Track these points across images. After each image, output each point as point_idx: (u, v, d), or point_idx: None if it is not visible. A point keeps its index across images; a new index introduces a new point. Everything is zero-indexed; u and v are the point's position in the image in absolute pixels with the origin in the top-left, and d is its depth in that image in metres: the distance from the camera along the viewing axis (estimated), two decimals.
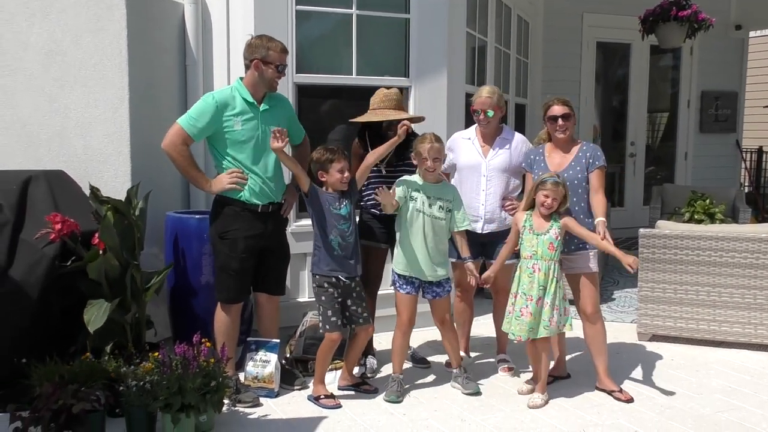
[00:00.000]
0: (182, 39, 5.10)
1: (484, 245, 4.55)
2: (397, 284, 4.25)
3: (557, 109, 4.25)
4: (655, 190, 8.69)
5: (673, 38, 7.02)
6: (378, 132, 4.41)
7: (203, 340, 3.79)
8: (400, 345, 4.29)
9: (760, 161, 12.46)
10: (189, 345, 3.67)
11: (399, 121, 4.35)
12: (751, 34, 10.63)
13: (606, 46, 9.59)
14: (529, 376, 4.38)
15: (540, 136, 4.46)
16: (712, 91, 10.16)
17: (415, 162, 4.20)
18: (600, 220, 4.10)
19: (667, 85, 10.20)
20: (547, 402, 4.10)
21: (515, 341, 4.20)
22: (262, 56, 4.00)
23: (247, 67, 4.05)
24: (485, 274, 4.29)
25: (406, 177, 4.26)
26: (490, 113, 4.40)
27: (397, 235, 4.24)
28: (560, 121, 4.24)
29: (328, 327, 4.09)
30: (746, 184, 11.93)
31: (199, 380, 3.52)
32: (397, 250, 4.25)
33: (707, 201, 6.76)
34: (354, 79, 5.25)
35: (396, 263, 4.26)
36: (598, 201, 4.16)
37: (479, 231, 4.47)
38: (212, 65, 5.12)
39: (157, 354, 3.67)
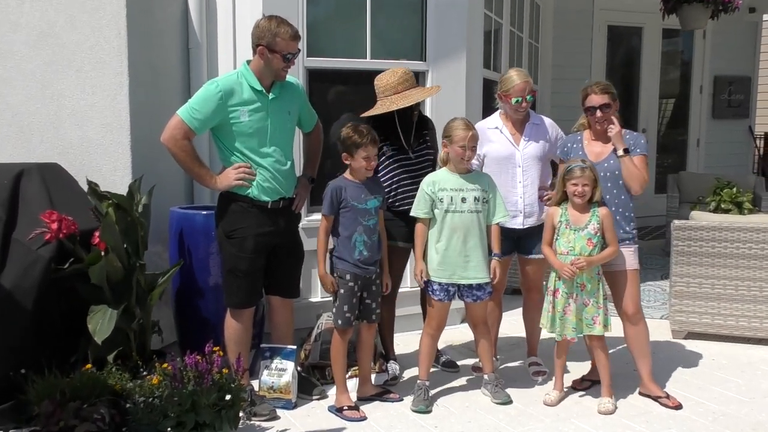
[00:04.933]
0: (185, 20, 4.72)
1: (519, 239, 4.23)
2: (430, 289, 3.90)
3: (595, 99, 3.88)
4: (671, 178, 8.40)
5: (696, 20, 6.70)
6: (407, 116, 4.09)
7: (215, 348, 3.47)
8: (428, 349, 3.96)
9: (767, 147, 12.19)
10: (201, 355, 3.33)
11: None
12: (765, 17, 10.31)
13: (617, 29, 9.26)
14: (567, 380, 4.06)
15: (580, 122, 4.11)
16: (725, 75, 9.85)
17: (446, 150, 3.84)
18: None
19: (679, 69, 9.88)
20: (616, 406, 3.82)
21: (570, 340, 3.87)
22: (268, 43, 3.60)
23: (254, 52, 3.68)
24: None
25: (425, 181, 3.89)
26: (531, 98, 4.09)
27: (429, 234, 3.90)
28: (599, 113, 3.88)
29: (340, 322, 3.78)
30: (755, 170, 11.65)
31: (215, 395, 3.19)
32: (429, 253, 3.90)
33: (734, 189, 6.49)
34: (368, 63, 4.90)
35: (430, 269, 3.90)
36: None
37: (519, 227, 4.15)
38: (217, 48, 4.74)
39: (166, 365, 3.33)
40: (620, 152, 3.83)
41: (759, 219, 4.93)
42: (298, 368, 4.16)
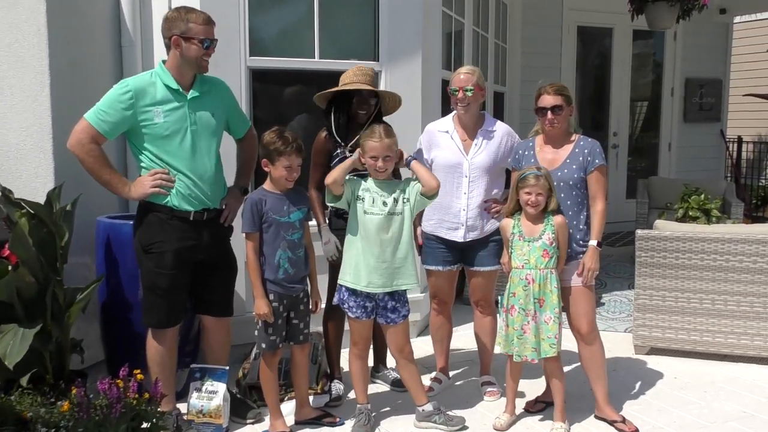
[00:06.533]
0: (117, 16, 4.43)
1: (464, 251, 3.99)
2: (346, 305, 3.61)
3: (547, 100, 3.65)
4: (641, 184, 8.20)
5: (662, 20, 6.49)
6: (347, 113, 3.85)
7: (135, 371, 3.18)
8: (359, 371, 3.68)
9: (740, 152, 12.06)
10: (113, 380, 3.04)
11: (374, 102, 3.87)
12: (736, 19, 10.16)
13: (588, 30, 9.06)
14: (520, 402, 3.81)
15: (536, 128, 3.87)
16: (697, 78, 9.68)
17: (362, 160, 3.54)
18: (592, 246, 3.58)
19: (651, 72, 9.70)
20: None
21: (530, 362, 3.60)
22: (182, 31, 3.34)
23: (167, 48, 3.41)
24: None
25: (353, 178, 3.60)
26: (470, 90, 3.81)
27: (345, 240, 3.61)
28: (549, 114, 3.64)
29: (264, 346, 3.51)
30: (727, 176, 11.51)
31: (124, 426, 2.91)
32: (344, 260, 3.61)
33: (702, 196, 6.28)
34: (316, 62, 4.65)
35: (342, 273, 3.61)
36: (596, 214, 3.60)
37: (460, 240, 3.90)
38: (152, 46, 4.45)
39: (74, 391, 3.05)
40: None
41: (725, 229, 4.71)
42: (234, 389, 3.89)
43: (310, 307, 3.65)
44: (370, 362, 4.04)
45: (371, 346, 3.99)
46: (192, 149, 3.42)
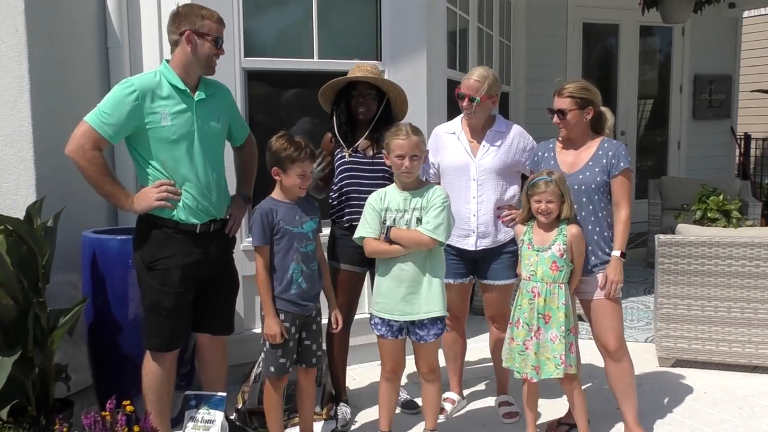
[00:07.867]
0: (102, 15, 4.14)
1: (476, 262, 3.72)
2: (373, 322, 3.35)
3: (555, 102, 3.40)
4: (652, 184, 7.94)
5: (678, 13, 6.24)
6: (348, 112, 3.66)
7: (124, 402, 2.91)
8: (387, 396, 3.40)
9: (747, 149, 11.80)
10: (99, 413, 2.77)
11: (374, 97, 3.67)
12: (745, 14, 9.90)
13: (593, 27, 8.80)
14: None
15: None
16: (706, 74, 9.42)
17: (387, 162, 3.30)
18: (614, 257, 3.31)
19: (658, 68, 9.44)
20: None
21: (522, 379, 3.36)
22: (196, 27, 3.08)
23: (175, 44, 3.13)
24: None
25: (373, 196, 3.30)
26: (476, 100, 3.54)
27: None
28: (555, 118, 3.39)
29: (273, 370, 3.21)
30: (737, 173, 11.24)
31: None
32: (375, 286, 3.35)
33: (721, 197, 6.01)
34: (316, 63, 4.38)
35: (373, 301, 3.36)
36: (620, 222, 3.33)
37: (471, 248, 3.63)
38: (141, 48, 4.17)
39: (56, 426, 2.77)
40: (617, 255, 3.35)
41: (753, 233, 4.44)
42: (233, 416, 3.62)
43: (332, 324, 3.38)
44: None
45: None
46: (199, 156, 3.14)
